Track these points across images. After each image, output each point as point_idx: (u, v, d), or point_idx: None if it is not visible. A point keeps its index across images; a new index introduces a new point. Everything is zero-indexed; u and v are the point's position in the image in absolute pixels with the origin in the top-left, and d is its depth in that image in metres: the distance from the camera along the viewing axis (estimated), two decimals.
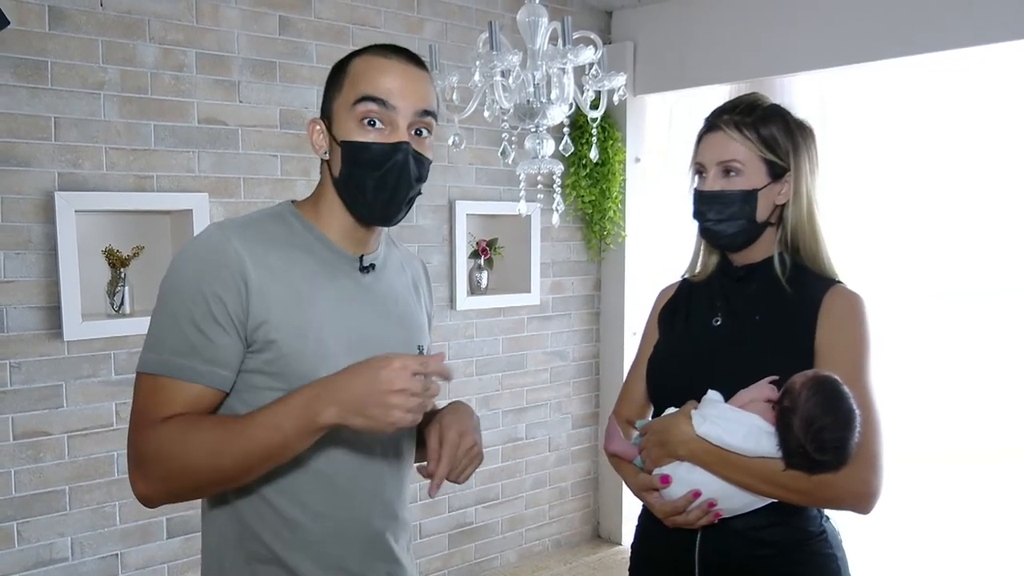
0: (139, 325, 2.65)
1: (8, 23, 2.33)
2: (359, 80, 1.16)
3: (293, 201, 1.27)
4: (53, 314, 2.54)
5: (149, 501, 1.11)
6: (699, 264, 1.56)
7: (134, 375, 1.13)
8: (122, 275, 2.67)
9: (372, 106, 1.14)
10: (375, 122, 1.15)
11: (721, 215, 1.41)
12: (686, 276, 1.59)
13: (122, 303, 2.67)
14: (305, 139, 3.01)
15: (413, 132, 1.18)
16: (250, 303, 1.10)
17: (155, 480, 1.09)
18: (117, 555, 2.70)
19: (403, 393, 1.00)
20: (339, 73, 1.20)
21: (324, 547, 1.19)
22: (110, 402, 2.65)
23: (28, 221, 2.49)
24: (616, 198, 3.82)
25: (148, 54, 2.67)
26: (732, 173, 1.41)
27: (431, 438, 1.23)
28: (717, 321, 1.48)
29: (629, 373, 1.62)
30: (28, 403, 2.52)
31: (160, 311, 1.12)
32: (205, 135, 2.80)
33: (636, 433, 1.44)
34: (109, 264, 2.67)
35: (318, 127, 1.21)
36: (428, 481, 1.19)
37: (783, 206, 1.44)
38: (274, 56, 2.95)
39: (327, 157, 1.21)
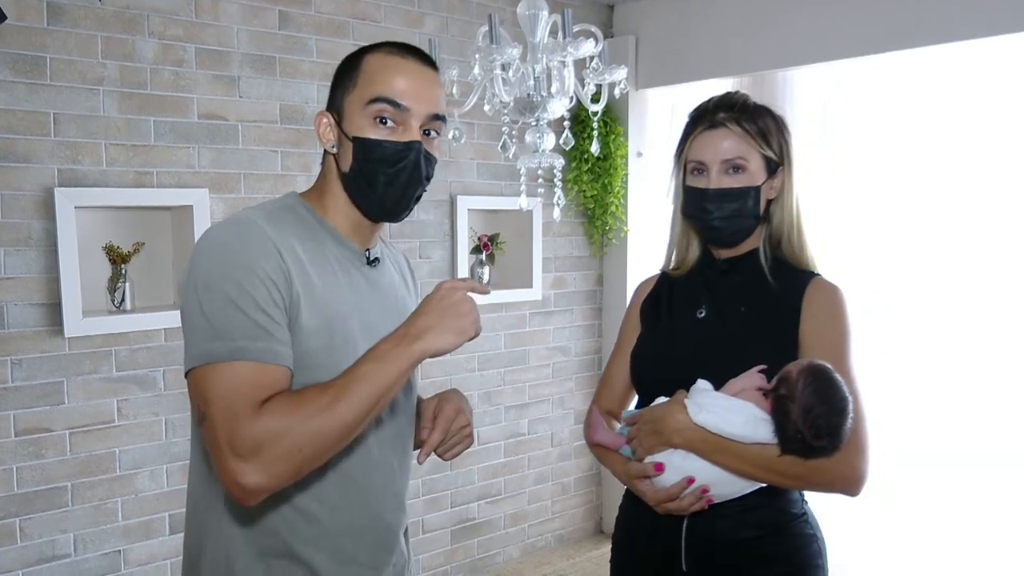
0: (140, 321, 2.65)
1: (5, 18, 2.32)
2: (373, 79, 1.17)
3: (296, 192, 1.27)
4: (54, 311, 2.53)
5: (261, 491, 1.04)
6: (677, 258, 1.58)
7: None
8: (122, 271, 2.66)
9: (386, 107, 1.16)
10: (387, 121, 1.17)
11: (728, 212, 1.43)
12: (665, 270, 1.61)
13: (123, 299, 2.66)
14: (305, 134, 3.01)
15: (423, 132, 1.20)
16: (291, 290, 1.11)
17: (272, 463, 1.03)
18: (119, 551, 2.70)
19: (468, 306, 1.14)
20: (351, 68, 1.20)
21: (337, 540, 1.20)
22: (111, 399, 2.64)
23: (28, 217, 2.49)
24: (618, 193, 3.81)
25: (147, 49, 2.66)
26: (737, 170, 1.42)
27: (427, 411, 1.30)
28: (702, 313, 1.50)
29: (608, 365, 1.65)
30: (29, 400, 2.52)
31: (213, 300, 1.06)
32: (205, 131, 2.79)
33: (620, 424, 1.47)
34: (109, 260, 2.66)
35: (325, 120, 1.21)
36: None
37: (771, 200, 1.47)
38: (274, 51, 2.94)
39: (335, 151, 1.21)
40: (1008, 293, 3.05)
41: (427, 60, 1.21)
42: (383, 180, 1.18)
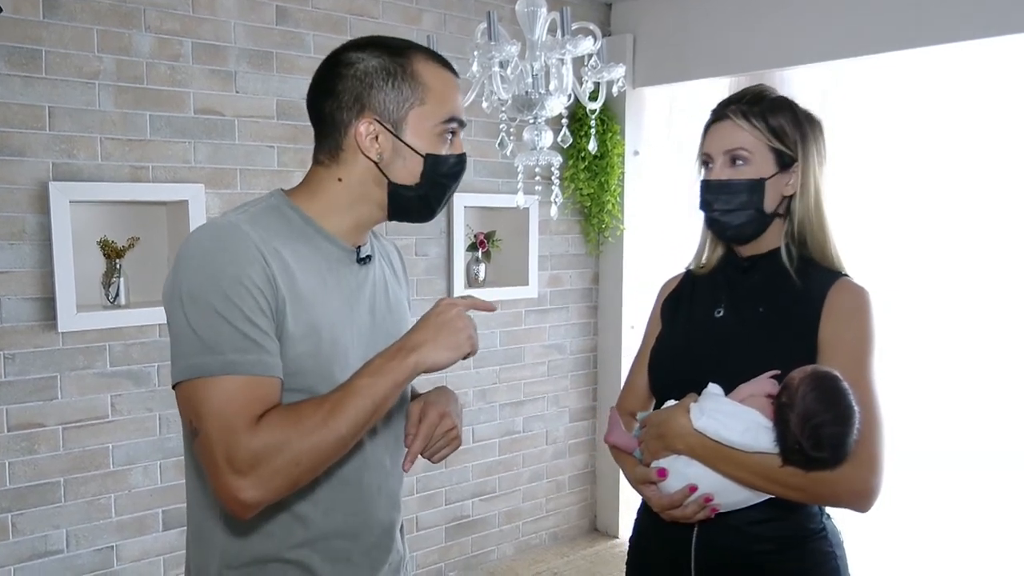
0: (134, 317, 2.64)
1: (1, 11, 2.31)
2: (444, 98, 1.18)
3: (283, 190, 1.24)
4: (48, 305, 2.52)
5: (258, 505, 1.05)
6: (704, 256, 1.54)
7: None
8: (117, 266, 2.65)
9: (457, 126, 1.20)
10: (452, 136, 1.21)
11: (728, 205, 1.39)
12: (690, 268, 1.58)
13: (117, 294, 2.65)
14: (302, 130, 2.99)
15: None
16: (277, 296, 1.09)
17: (270, 478, 1.03)
18: (112, 547, 2.69)
19: (464, 323, 1.16)
20: (404, 77, 1.15)
21: (332, 542, 1.19)
22: (105, 394, 2.63)
23: (22, 211, 2.47)
24: (615, 191, 3.81)
25: (144, 43, 2.65)
26: (739, 162, 1.39)
27: (412, 415, 1.28)
28: (720, 312, 1.46)
29: (632, 366, 1.61)
30: (22, 394, 2.51)
31: (199, 311, 1.05)
32: (201, 125, 2.78)
33: (637, 425, 1.43)
34: (104, 255, 2.65)
35: (374, 128, 1.15)
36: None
37: (791, 197, 1.42)
38: (271, 46, 2.92)
39: (380, 160, 1.17)
40: (1007, 293, 3.05)
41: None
42: (447, 192, 1.22)
